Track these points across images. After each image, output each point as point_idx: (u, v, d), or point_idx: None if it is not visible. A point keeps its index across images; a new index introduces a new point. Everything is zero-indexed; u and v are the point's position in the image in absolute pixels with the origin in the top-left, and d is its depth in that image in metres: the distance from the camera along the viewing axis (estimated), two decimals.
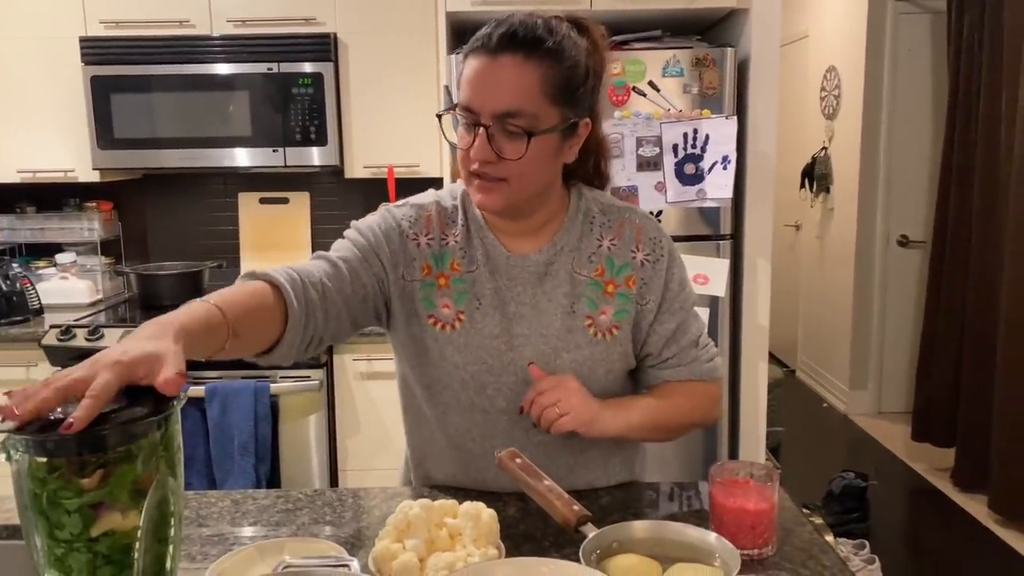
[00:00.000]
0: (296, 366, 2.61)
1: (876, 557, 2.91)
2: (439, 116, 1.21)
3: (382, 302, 1.26)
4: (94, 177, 2.91)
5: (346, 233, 1.27)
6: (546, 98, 1.11)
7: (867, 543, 3.00)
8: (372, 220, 1.27)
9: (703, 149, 2.42)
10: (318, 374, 2.62)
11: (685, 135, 2.43)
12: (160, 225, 3.31)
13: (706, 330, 1.36)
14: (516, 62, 1.09)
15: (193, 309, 0.97)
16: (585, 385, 1.21)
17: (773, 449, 3.82)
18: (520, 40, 1.10)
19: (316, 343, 1.17)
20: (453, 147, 2.47)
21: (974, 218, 3.69)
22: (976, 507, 3.51)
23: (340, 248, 1.24)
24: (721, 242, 2.52)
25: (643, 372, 1.33)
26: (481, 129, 1.11)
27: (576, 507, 1.03)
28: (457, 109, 1.14)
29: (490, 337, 1.23)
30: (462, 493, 1.28)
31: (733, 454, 2.69)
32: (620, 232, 1.27)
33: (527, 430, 1.25)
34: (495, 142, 1.11)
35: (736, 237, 2.58)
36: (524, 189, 1.16)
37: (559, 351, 1.23)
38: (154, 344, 0.85)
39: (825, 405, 5.05)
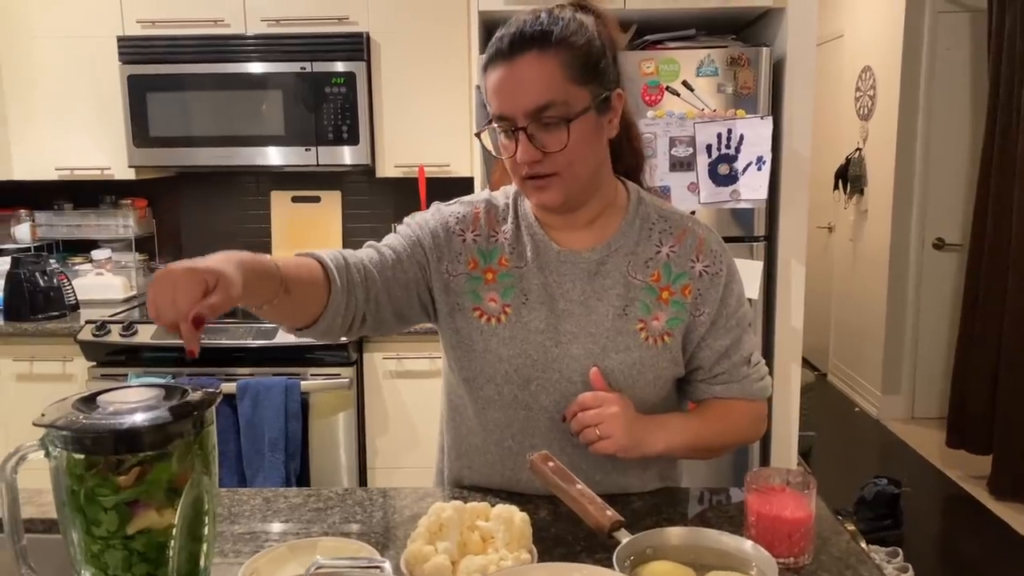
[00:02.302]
0: (326, 364, 2.62)
1: (909, 566, 2.86)
2: (478, 135, 1.23)
3: (426, 292, 1.27)
4: (130, 175, 2.95)
5: (398, 227, 1.31)
6: (571, 82, 1.12)
7: (900, 551, 2.95)
8: (422, 215, 1.30)
9: (737, 150, 2.40)
10: (348, 372, 2.63)
11: (719, 135, 2.40)
12: (193, 223, 3.34)
13: (759, 348, 1.34)
14: (533, 58, 1.11)
15: (254, 254, 1.01)
16: (630, 389, 1.21)
17: (804, 454, 3.78)
18: (530, 37, 1.11)
19: (358, 323, 1.20)
20: (488, 155, 2.46)
21: (1014, 221, 3.61)
22: (1013, 516, 3.44)
23: (388, 239, 1.28)
24: (755, 244, 2.49)
25: (692, 385, 1.31)
26: (520, 133, 1.12)
27: (609, 512, 1.02)
28: (492, 122, 1.16)
29: (536, 332, 1.22)
30: (492, 494, 1.27)
31: (764, 458, 2.65)
32: (681, 240, 1.26)
33: (566, 430, 1.24)
34: (536, 140, 1.12)
35: (770, 239, 2.55)
36: (577, 177, 1.17)
37: (608, 351, 1.22)
38: (220, 265, 0.90)
39: (857, 409, 4.98)
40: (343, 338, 1.23)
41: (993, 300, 3.79)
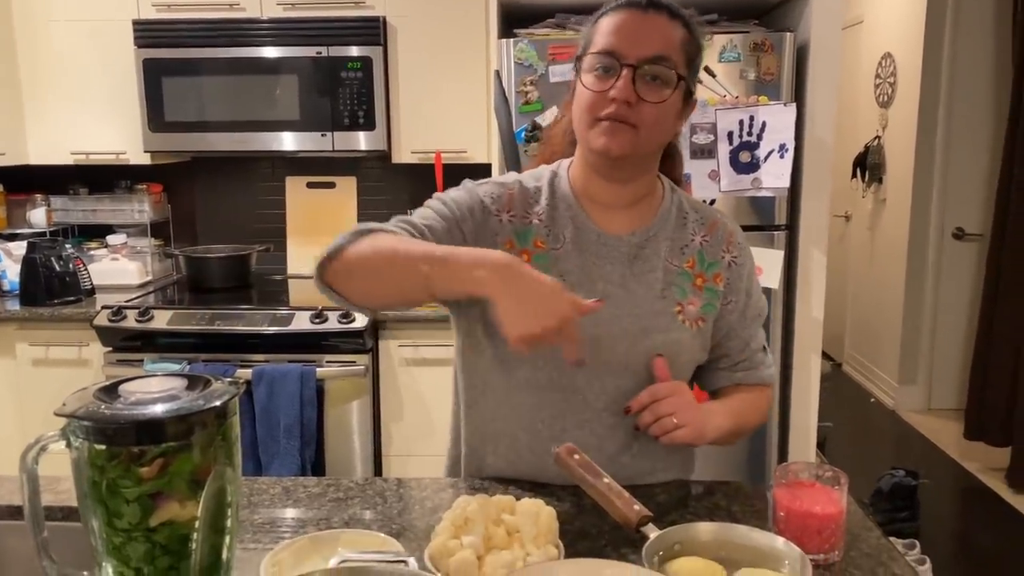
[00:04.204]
0: (342, 351, 2.61)
1: (927, 558, 2.84)
2: (578, 58, 1.22)
3: None
4: (145, 160, 2.94)
5: (428, 203, 1.27)
6: (684, 56, 1.18)
7: (917, 543, 2.93)
8: (455, 193, 1.27)
9: (759, 137, 2.36)
10: (364, 359, 2.62)
11: (741, 122, 2.37)
12: (208, 208, 3.33)
13: (780, 339, 1.41)
14: (664, 19, 1.17)
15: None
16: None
17: (819, 444, 3.75)
18: (664, 6, 1.18)
19: None
20: (508, 140, 2.43)
21: None
22: None
23: (425, 217, 1.23)
24: (776, 233, 2.46)
25: (715, 373, 1.35)
26: (625, 70, 1.13)
27: (637, 507, 1.00)
28: (590, 56, 1.17)
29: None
30: (515, 485, 1.25)
31: (783, 449, 2.63)
32: (713, 231, 1.31)
33: (600, 413, 1.23)
34: (637, 86, 1.14)
35: (791, 228, 2.51)
36: (649, 141, 1.19)
37: (649, 332, 1.23)
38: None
39: (873, 400, 4.94)
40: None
41: (1014, 291, 3.74)
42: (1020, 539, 3.25)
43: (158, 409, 0.79)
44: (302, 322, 2.59)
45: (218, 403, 0.81)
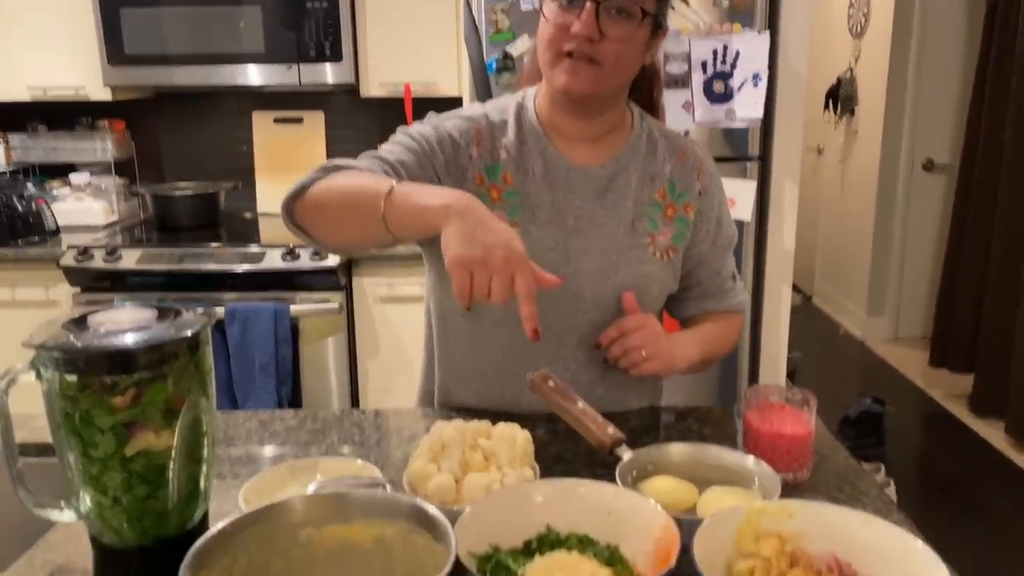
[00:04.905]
0: (316, 288, 2.59)
1: (891, 480, 2.93)
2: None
3: None
4: (105, 95, 2.85)
5: (395, 138, 1.23)
6: None
7: (883, 467, 3.02)
8: (421, 128, 1.23)
9: (733, 66, 2.34)
10: (338, 297, 2.61)
11: (715, 51, 2.34)
12: (174, 145, 3.25)
13: (751, 269, 1.41)
14: None
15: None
16: (638, 303, 1.22)
17: (789, 375, 3.82)
18: None
19: None
20: (477, 72, 2.38)
21: (1005, 142, 3.59)
22: (992, 433, 3.52)
23: (394, 152, 1.19)
24: (748, 163, 2.46)
25: (685, 302, 1.36)
26: (589, 3, 1.09)
27: (611, 430, 1.02)
28: None
29: (546, 250, 1.21)
30: (489, 415, 1.26)
31: (752, 379, 2.68)
32: (684, 159, 1.29)
33: (572, 347, 1.24)
34: (600, 20, 1.10)
35: (764, 159, 2.51)
36: (614, 77, 1.16)
37: (619, 266, 1.23)
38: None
39: (842, 331, 5.03)
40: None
41: (981, 220, 3.79)
42: (981, 462, 3.37)
43: (129, 339, 0.78)
44: (274, 260, 2.56)
45: (189, 333, 0.80)
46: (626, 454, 0.97)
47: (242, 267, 2.55)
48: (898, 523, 0.80)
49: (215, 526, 0.76)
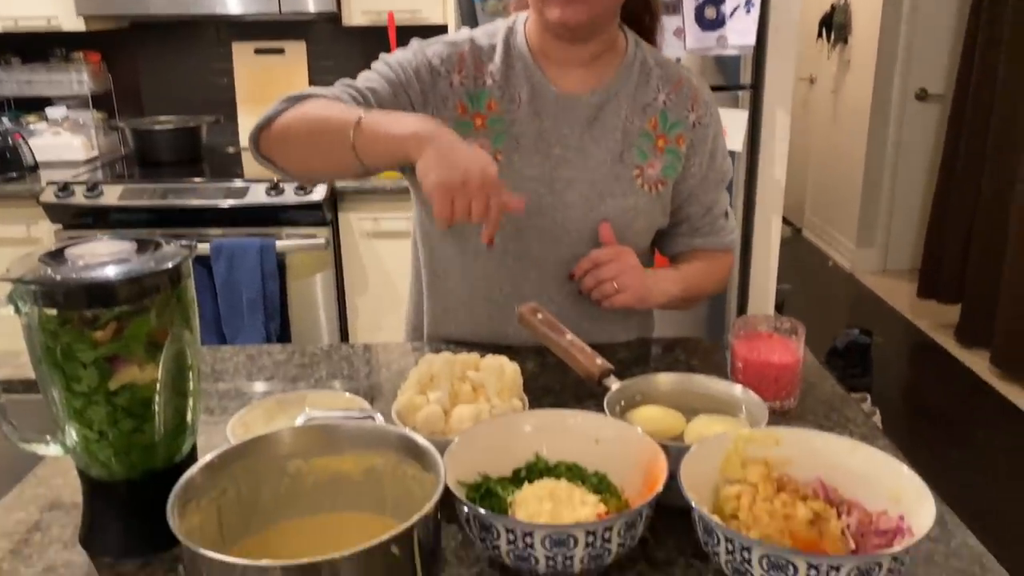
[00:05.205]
0: (301, 224, 2.56)
1: (876, 409, 2.98)
2: None
3: None
4: (79, 25, 2.76)
5: (374, 65, 1.22)
6: None
7: (868, 396, 3.07)
8: (402, 55, 1.22)
9: None
10: (324, 232, 2.58)
11: None
12: (153, 78, 3.17)
13: (741, 200, 1.37)
14: None
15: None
16: (622, 237, 1.21)
17: (778, 307, 3.84)
18: None
19: None
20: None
21: (1001, 70, 3.54)
22: (977, 362, 3.57)
23: (369, 79, 1.19)
24: (740, 93, 2.42)
25: (674, 239, 1.33)
26: None
27: (599, 360, 1.02)
28: None
29: (529, 179, 1.19)
30: (479, 348, 1.26)
31: (741, 311, 2.69)
32: (678, 89, 1.25)
33: (558, 279, 1.23)
34: None
35: (756, 88, 2.47)
36: (608, 3, 1.13)
37: (604, 197, 1.21)
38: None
39: (831, 263, 5.05)
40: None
41: (973, 151, 3.77)
42: (965, 390, 3.42)
43: (109, 272, 0.77)
44: (258, 195, 2.52)
45: (170, 265, 0.79)
46: (614, 384, 0.97)
47: (226, 202, 2.51)
48: (884, 449, 0.80)
49: (203, 459, 0.76)
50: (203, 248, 2.48)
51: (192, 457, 0.87)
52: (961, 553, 0.81)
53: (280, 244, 2.53)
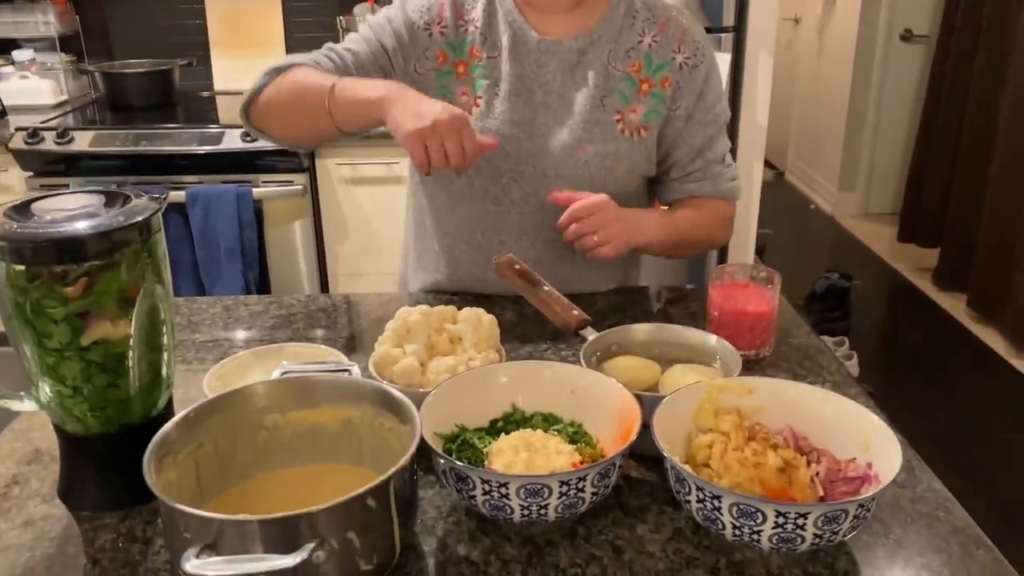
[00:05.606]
0: (278, 170, 2.53)
1: (854, 353, 3.02)
2: None
3: None
4: None
5: (359, 26, 1.27)
6: None
7: (847, 340, 3.11)
8: (384, 13, 1.25)
9: None
10: (301, 179, 2.55)
11: None
12: (122, 20, 3.08)
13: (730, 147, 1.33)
14: None
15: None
16: (603, 182, 1.20)
17: (759, 251, 3.86)
18: None
19: None
20: None
21: (985, 9, 3.51)
22: (954, 305, 3.61)
23: (351, 40, 1.25)
24: (723, 35, 2.38)
25: (666, 184, 1.31)
26: None
27: (576, 311, 1.02)
28: None
29: (509, 124, 1.19)
30: (458, 298, 1.26)
31: (722, 255, 2.69)
32: (664, 30, 1.22)
33: (539, 225, 1.23)
34: None
35: (739, 30, 2.43)
36: None
37: (583, 143, 1.20)
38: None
39: (812, 207, 5.06)
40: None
41: (957, 91, 3.76)
42: (942, 333, 3.47)
43: (78, 226, 0.75)
44: (233, 141, 2.48)
45: (140, 218, 0.78)
46: (591, 335, 0.98)
47: (202, 148, 2.47)
48: (855, 397, 0.82)
49: (179, 413, 0.76)
50: (179, 196, 2.44)
51: (169, 411, 0.87)
52: (926, 498, 0.83)
53: (257, 191, 2.49)
